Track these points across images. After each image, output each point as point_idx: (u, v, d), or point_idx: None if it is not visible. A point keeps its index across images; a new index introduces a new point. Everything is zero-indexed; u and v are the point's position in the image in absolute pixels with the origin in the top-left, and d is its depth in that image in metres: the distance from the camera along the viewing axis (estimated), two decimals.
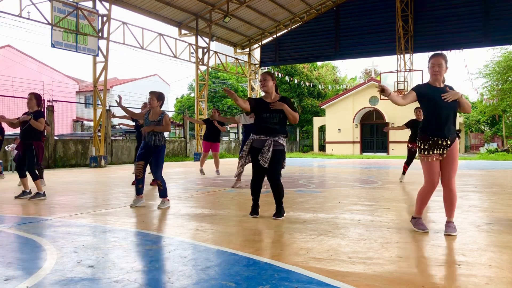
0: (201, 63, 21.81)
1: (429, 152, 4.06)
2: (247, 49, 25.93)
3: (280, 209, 5.00)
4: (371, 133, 32.44)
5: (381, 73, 25.27)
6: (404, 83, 22.73)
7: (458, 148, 4.14)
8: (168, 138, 26.54)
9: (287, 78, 34.26)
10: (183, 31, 21.54)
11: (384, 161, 21.68)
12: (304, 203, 6.28)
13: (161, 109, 6.07)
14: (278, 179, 4.93)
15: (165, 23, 20.54)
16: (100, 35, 15.96)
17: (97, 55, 16.05)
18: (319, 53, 24.68)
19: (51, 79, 32.73)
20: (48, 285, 2.69)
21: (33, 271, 2.97)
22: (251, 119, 5.23)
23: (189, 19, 20.92)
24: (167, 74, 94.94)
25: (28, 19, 14.30)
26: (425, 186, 4.10)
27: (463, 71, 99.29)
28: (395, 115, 29.45)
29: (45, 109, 14.72)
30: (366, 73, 47.47)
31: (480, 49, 43.49)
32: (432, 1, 21.74)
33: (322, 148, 35.10)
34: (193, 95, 40.37)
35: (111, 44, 16.79)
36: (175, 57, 20.63)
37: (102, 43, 16.15)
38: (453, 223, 4.14)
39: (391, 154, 30.04)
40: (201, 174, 11.15)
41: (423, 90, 4.14)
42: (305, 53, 24.83)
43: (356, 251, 3.48)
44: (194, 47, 21.50)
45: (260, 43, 25.82)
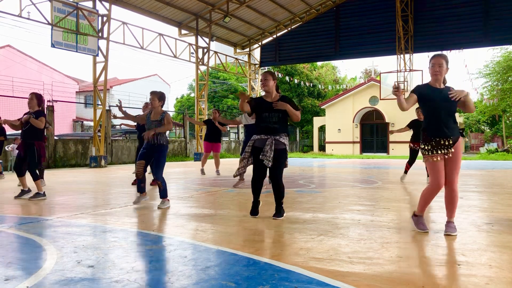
0: (201, 63, 21.81)
1: (433, 152, 4.05)
2: (247, 49, 25.92)
3: (280, 209, 5.00)
4: (371, 133, 32.44)
5: (381, 73, 25.28)
6: (404, 83, 22.73)
7: (461, 147, 4.12)
8: (168, 138, 26.52)
9: (287, 78, 34.26)
10: (183, 31, 21.53)
11: (384, 161, 21.68)
12: (304, 203, 6.28)
13: (162, 109, 6.08)
14: (280, 179, 4.93)
15: (165, 23, 20.54)
16: (100, 35, 15.96)
17: (97, 55, 16.05)
18: (319, 53, 24.67)
19: (51, 79, 32.73)
20: (48, 285, 2.69)
21: (33, 271, 2.97)
22: (253, 119, 5.25)
23: (189, 19, 20.92)
24: (167, 74, 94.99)
25: (28, 19, 14.29)
26: (430, 186, 4.09)
27: (463, 71, 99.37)
28: (395, 115, 29.46)
29: (46, 109, 14.70)
30: (366, 73, 47.47)
31: (480, 49, 43.51)
32: (432, 1, 21.74)
33: (322, 148, 35.09)
34: (193, 95, 40.35)
35: (111, 44, 16.81)
36: (175, 57, 20.63)
37: (102, 43, 16.16)
38: (453, 223, 4.14)
39: (391, 154, 30.03)
40: (201, 174, 11.16)
41: (423, 91, 4.14)
42: (305, 53, 24.82)
43: (356, 251, 3.49)
44: (194, 47, 21.49)
45: (260, 43, 25.81)
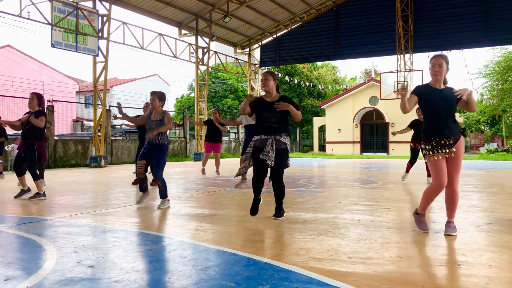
0: (201, 63, 21.80)
1: (433, 152, 4.04)
2: (247, 49, 25.92)
3: (280, 209, 5.00)
4: (371, 133, 32.44)
5: (381, 73, 25.27)
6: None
7: (462, 147, 4.10)
8: (169, 138, 26.50)
9: (287, 78, 34.25)
10: (183, 31, 21.53)
11: (384, 161, 21.68)
12: (304, 203, 6.28)
13: (162, 108, 6.09)
14: (281, 178, 4.93)
15: (165, 23, 20.53)
16: (100, 35, 15.96)
17: (97, 55, 16.05)
18: (319, 53, 24.67)
19: (51, 79, 32.72)
20: (48, 285, 2.69)
21: (33, 271, 2.97)
22: (253, 120, 5.26)
23: (189, 19, 20.91)
24: (167, 74, 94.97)
25: (28, 19, 14.29)
26: (433, 185, 4.07)
27: (463, 71, 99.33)
28: (395, 115, 29.46)
29: (46, 109, 14.71)
30: (366, 73, 47.47)
31: (480, 49, 43.49)
32: (432, 1, 21.73)
33: (322, 148, 35.10)
34: (193, 95, 40.34)
35: (111, 44, 16.80)
36: (175, 57, 20.63)
37: (102, 43, 16.16)
38: (454, 223, 4.14)
39: (391, 154, 30.04)
40: (202, 173, 11.18)
41: (422, 91, 4.14)
42: (305, 53, 24.81)
43: (356, 251, 3.49)
44: (194, 47, 21.49)
45: (260, 43, 25.80)
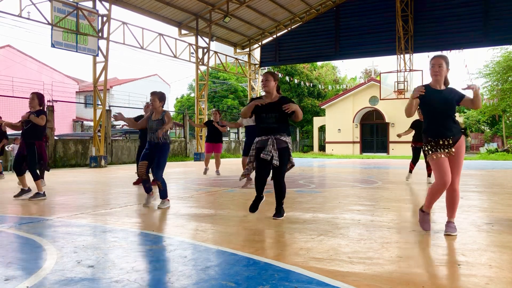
0: (201, 63, 21.80)
1: (433, 151, 4.05)
2: (247, 49, 25.92)
3: (280, 209, 5.00)
4: (371, 133, 32.44)
5: (381, 73, 25.26)
6: (404, 83, 22.74)
7: (463, 147, 4.10)
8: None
9: (287, 78, 34.25)
10: (183, 31, 21.52)
11: (384, 161, 21.68)
12: (304, 203, 6.28)
13: (162, 108, 6.09)
14: (282, 178, 4.94)
15: (165, 23, 20.53)
16: (100, 35, 15.96)
17: (97, 55, 16.05)
18: (319, 53, 24.66)
19: (51, 79, 32.72)
20: (48, 285, 2.69)
21: (33, 271, 2.97)
22: (253, 121, 5.31)
23: (189, 19, 20.91)
24: (167, 74, 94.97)
25: (28, 19, 14.29)
26: (436, 184, 4.06)
27: (463, 71, 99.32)
28: (395, 115, 29.47)
29: (46, 109, 14.71)
30: (366, 73, 47.47)
31: (480, 49, 43.51)
32: (432, 1, 21.72)
33: (322, 148, 35.10)
34: (193, 95, 40.34)
35: (111, 44, 16.80)
36: (175, 57, 20.62)
37: (102, 43, 16.16)
38: (454, 223, 4.14)
39: (391, 154, 30.04)
40: (204, 173, 11.20)
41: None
42: (305, 53, 24.81)
43: (356, 251, 3.49)
44: (194, 47, 21.49)
45: (260, 43, 25.80)
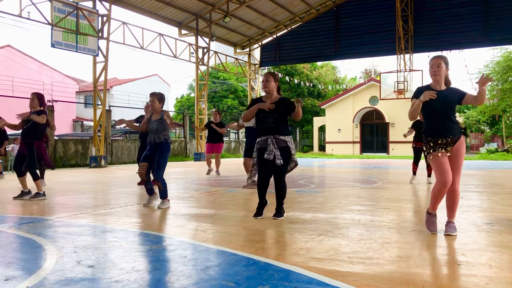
0: (201, 63, 21.80)
1: (433, 150, 4.05)
2: (247, 49, 25.91)
3: (280, 209, 5.00)
4: (371, 133, 32.44)
5: (381, 73, 25.28)
6: (404, 83, 22.74)
7: (463, 147, 4.09)
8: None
9: (287, 78, 34.25)
10: (183, 31, 21.53)
11: (384, 161, 21.68)
12: (304, 203, 6.28)
13: (162, 109, 6.10)
14: (283, 178, 4.94)
15: (165, 23, 20.53)
16: (100, 35, 15.96)
17: (97, 55, 16.05)
18: (319, 53, 24.67)
19: (51, 79, 32.72)
20: (48, 285, 2.69)
21: (33, 271, 2.97)
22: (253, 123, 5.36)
23: (189, 19, 20.91)
24: (167, 74, 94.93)
25: (28, 19, 14.29)
26: (437, 184, 4.06)
27: (463, 71, 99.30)
28: (395, 115, 29.48)
29: (46, 109, 14.71)
30: (366, 73, 47.46)
31: (480, 49, 43.52)
32: (432, 1, 21.73)
33: (322, 148, 35.10)
34: (193, 95, 40.33)
35: (111, 44, 16.80)
36: (175, 57, 20.62)
37: (102, 43, 16.16)
38: (454, 223, 4.14)
39: (391, 154, 30.04)
40: (207, 173, 11.22)
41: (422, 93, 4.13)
42: (305, 53, 24.81)
43: (356, 251, 3.49)
44: (194, 47, 21.49)
45: (260, 43, 25.80)
